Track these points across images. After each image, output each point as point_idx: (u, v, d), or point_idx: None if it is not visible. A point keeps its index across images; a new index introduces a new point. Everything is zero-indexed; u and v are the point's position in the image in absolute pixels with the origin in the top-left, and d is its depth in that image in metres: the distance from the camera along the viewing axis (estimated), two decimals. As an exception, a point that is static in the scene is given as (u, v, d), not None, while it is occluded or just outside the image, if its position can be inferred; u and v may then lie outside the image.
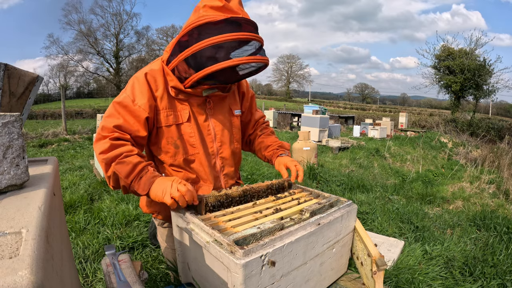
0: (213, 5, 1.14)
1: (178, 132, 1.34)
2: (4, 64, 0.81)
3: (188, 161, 1.38)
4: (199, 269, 1.06)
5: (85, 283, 1.83)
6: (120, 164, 1.13)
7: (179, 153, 1.36)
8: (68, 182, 3.88)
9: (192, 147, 1.36)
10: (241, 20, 1.15)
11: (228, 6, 1.15)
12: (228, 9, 1.15)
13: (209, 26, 1.12)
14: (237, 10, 1.17)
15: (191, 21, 1.16)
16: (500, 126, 18.63)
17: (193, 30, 1.15)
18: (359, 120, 18.39)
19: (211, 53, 1.15)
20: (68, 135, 9.04)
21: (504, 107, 41.79)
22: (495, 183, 5.23)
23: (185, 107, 1.34)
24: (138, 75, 1.29)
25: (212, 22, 1.12)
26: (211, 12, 1.14)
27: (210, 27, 1.12)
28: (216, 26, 1.12)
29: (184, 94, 1.32)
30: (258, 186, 1.28)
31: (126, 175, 1.12)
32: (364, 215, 3.17)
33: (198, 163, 1.39)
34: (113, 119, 1.22)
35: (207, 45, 1.11)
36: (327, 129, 9.51)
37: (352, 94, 71.59)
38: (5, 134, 0.56)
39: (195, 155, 1.37)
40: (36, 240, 0.40)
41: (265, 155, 1.59)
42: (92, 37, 33.78)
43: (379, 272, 1.09)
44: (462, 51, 20.46)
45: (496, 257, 2.33)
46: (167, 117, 1.31)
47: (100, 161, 1.16)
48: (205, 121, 1.38)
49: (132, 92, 1.26)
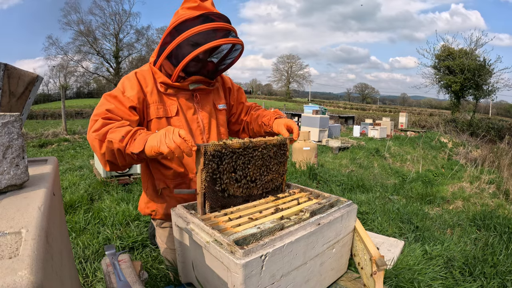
0: (189, 6, 1.30)
1: (168, 124, 1.39)
2: (4, 64, 0.81)
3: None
4: (199, 269, 1.06)
5: (85, 283, 1.83)
6: (113, 133, 1.12)
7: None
8: (68, 182, 3.88)
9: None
10: (214, 15, 1.30)
11: (202, 5, 1.31)
12: (202, 7, 1.30)
13: (186, 23, 1.27)
14: (210, 7, 1.33)
15: (171, 23, 1.31)
16: (500, 126, 18.63)
17: (172, 30, 1.29)
18: (359, 120, 18.39)
19: (188, 45, 1.27)
20: (68, 135, 9.04)
21: (504, 107, 41.79)
22: (495, 183, 5.23)
23: (174, 102, 1.41)
24: (129, 75, 1.39)
25: (188, 19, 1.27)
26: (188, 11, 1.29)
27: (187, 24, 1.26)
28: (192, 22, 1.26)
29: (172, 89, 1.40)
30: (260, 140, 1.25)
31: (120, 139, 1.10)
32: (364, 215, 3.17)
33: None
34: (104, 106, 1.25)
35: (183, 38, 1.24)
36: (327, 129, 9.51)
37: (352, 94, 71.64)
38: (5, 134, 0.56)
39: None
40: (36, 240, 0.40)
41: (263, 121, 1.59)
42: (91, 37, 33.76)
43: (379, 272, 1.09)
44: (462, 51, 20.46)
45: (496, 257, 2.32)
46: (157, 109, 1.37)
47: (93, 140, 1.15)
48: (194, 114, 1.46)
49: (122, 86, 1.34)
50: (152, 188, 1.50)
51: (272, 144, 1.29)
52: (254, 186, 1.27)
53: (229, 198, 1.20)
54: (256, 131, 1.64)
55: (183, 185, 1.45)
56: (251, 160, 1.23)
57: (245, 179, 1.22)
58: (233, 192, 1.20)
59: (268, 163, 1.30)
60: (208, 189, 1.11)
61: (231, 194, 1.19)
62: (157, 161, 1.43)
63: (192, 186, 1.45)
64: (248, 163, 1.22)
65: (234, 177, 1.18)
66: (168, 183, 1.44)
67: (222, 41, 1.28)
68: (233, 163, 1.17)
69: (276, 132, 1.50)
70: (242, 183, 1.21)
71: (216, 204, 1.16)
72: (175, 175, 1.43)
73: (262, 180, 1.29)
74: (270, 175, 1.31)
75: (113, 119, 1.21)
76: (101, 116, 1.20)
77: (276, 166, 1.33)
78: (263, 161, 1.27)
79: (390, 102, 70.17)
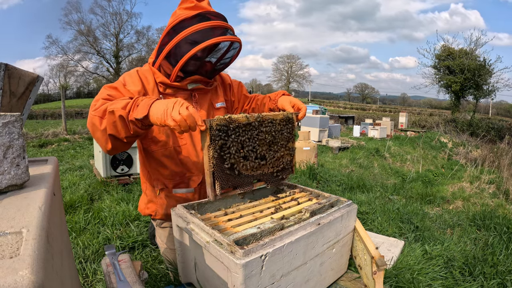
0: (186, 6, 1.31)
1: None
2: (5, 64, 0.81)
3: (177, 151, 1.42)
4: (199, 269, 1.06)
5: (85, 283, 1.83)
6: (114, 104, 1.08)
7: (169, 142, 1.40)
8: (68, 182, 3.88)
9: (180, 138, 1.42)
10: (211, 14, 1.32)
11: (199, 4, 1.32)
12: (199, 6, 1.31)
13: (184, 22, 1.28)
14: (206, 7, 1.34)
15: (168, 23, 1.31)
16: (500, 126, 18.63)
17: (170, 30, 1.30)
18: (359, 120, 18.39)
19: (186, 44, 1.28)
20: (68, 135, 9.04)
21: (504, 107, 41.77)
22: (495, 183, 5.23)
23: None
24: (130, 72, 1.39)
25: (186, 19, 1.28)
26: (185, 11, 1.30)
27: (184, 24, 1.27)
28: (189, 21, 1.27)
29: (171, 89, 1.41)
30: (266, 115, 1.23)
31: (123, 106, 1.05)
32: (364, 215, 3.17)
33: (186, 153, 1.43)
34: (104, 92, 1.23)
35: (181, 37, 1.25)
36: (327, 129, 9.51)
37: (352, 94, 71.59)
38: (6, 134, 0.56)
39: (182, 146, 1.42)
40: (37, 240, 0.40)
41: (269, 96, 1.58)
42: (91, 37, 33.73)
43: (379, 272, 1.09)
44: (462, 51, 20.47)
45: (496, 257, 2.33)
46: None
47: (92, 118, 1.11)
48: None
49: (123, 80, 1.34)
50: (151, 188, 1.50)
51: (278, 119, 1.28)
52: (264, 164, 1.25)
53: (240, 178, 1.17)
54: (261, 110, 1.61)
55: (182, 185, 1.45)
56: (259, 135, 1.21)
57: (254, 155, 1.20)
58: (243, 170, 1.17)
59: (276, 139, 1.28)
60: (217, 167, 1.09)
61: (241, 172, 1.16)
62: (155, 161, 1.43)
63: (191, 185, 1.45)
64: (256, 139, 1.20)
65: (242, 154, 1.16)
66: (167, 183, 1.44)
67: (220, 38, 1.28)
68: (240, 138, 1.14)
69: (281, 108, 1.47)
70: (251, 160, 1.19)
71: (226, 183, 1.13)
72: (173, 174, 1.43)
73: (271, 157, 1.27)
74: (279, 152, 1.30)
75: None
76: (101, 98, 1.18)
77: (284, 142, 1.32)
78: (271, 137, 1.25)
79: (390, 102, 70.18)
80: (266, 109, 1.57)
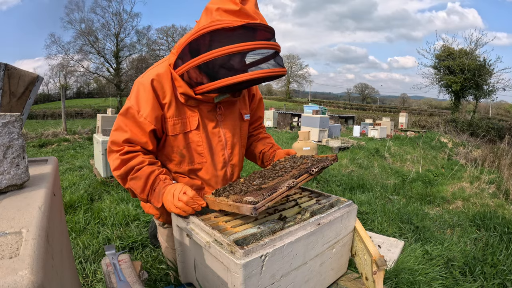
0: (228, 9, 1.05)
1: (185, 141, 1.30)
2: (4, 64, 0.81)
3: (194, 170, 1.36)
4: (199, 269, 1.06)
5: (85, 283, 1.83)
6: (133, 180, 1.19)
7: (185, 162, 1.34)
8: (68, 182, 3.87)
9: (199, 156, 1.34)
10: (259, 27, 1.08)
11: (244, 10, 1.05)
12: (244, 13, 1.05)
13: (224, 32, 1.04)
14: (253, 14, 1.07)
15: (203, 25, 1.06)
16: (500, 126, 18.62)
17: (205, 35, 1.06)
18: (359, 120, 18.39)
19: (226, 62, 1.09)
20: (68, 135, 9.04)
21: (504, 107, 41.77)
22: (495, 183, 5.23)
23: (195, 114, 1.28)
24: (144, 81, 1.22)
25: (227, 28, 1.03)
26: (225, 16, 1.05)
27: (225, 34, 1.04)
28: (232, 33, 1.04)
29: (194, 101, 1.26)
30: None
31: (141, 190, 1.18)
32: (364, 215, 3.17)
33: (205, 172, 1.36)
34: (120, 132, 1.22)
35: (222, 54, 1.03)
36: (327, 129, 9.50)
37: (352, 94, 71.62)
38: (5, 134, 0.56)
39: (202, 163, 1.35)
40: (36, 240, 0.40)
41: (264, 149, 1.55)
42: (92, 37, 33.72)
43: (379, 272, 1.09)
44: (462, 51, 20.47)
45: (496, 257, 2.33)
46: (174, 125, 1.26)
47: (116, 177, 1.24)
48: (215, 128, 1.34)
49: (136, 102, 1.21)
50: None
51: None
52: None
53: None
54: (254, 152, 1.58)
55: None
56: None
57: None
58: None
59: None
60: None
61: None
62: (173, 171, 1.37)
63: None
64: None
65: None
66: None
67: (269, 72, 1.09)
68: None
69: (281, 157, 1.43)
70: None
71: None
72: (189, 185, 1.36)
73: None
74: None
75: (130, 151, 1.21)
76: (118, 150, 1.21)
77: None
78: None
79: (390, 102, 70.15)
80: (259, 159, 1.58)
